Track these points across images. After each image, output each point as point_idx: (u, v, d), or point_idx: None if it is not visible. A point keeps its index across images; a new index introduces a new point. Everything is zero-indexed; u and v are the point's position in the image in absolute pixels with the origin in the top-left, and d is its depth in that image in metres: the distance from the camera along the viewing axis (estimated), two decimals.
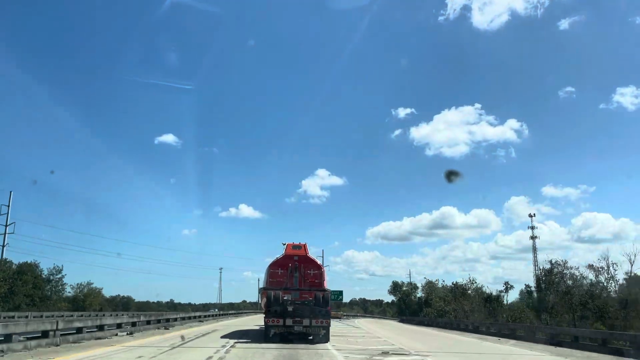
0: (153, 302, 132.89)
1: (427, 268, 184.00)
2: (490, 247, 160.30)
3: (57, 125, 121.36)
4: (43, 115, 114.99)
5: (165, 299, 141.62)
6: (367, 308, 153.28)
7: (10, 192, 50.06)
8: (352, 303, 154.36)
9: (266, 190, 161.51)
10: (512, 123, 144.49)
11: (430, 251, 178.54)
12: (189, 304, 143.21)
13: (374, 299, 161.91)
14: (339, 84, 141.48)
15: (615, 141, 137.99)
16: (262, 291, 20.92)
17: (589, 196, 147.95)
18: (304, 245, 21.40)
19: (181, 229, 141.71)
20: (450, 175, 21.30)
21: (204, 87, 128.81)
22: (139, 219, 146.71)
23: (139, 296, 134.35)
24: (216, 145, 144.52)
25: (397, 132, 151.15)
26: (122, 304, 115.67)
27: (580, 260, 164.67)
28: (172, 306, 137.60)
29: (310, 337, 18.26)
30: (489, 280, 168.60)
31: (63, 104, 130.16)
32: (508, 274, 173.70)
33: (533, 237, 79.03)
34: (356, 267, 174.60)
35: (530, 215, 77.96)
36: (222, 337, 20.59)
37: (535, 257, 78.88)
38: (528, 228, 79.24)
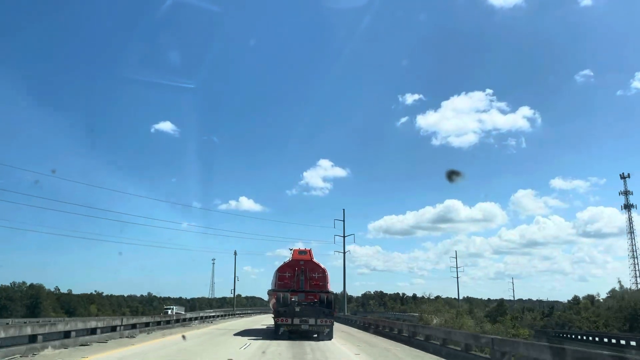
0: (121, 296, 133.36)
1: (428, 263, 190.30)
2: (494, 241, 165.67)
3: (58, 123, 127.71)
4: (42, 115, 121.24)
5: (165, 294, 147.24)
6: (385, 304, 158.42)
7: None
8: (367, 297, 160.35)
9: (267, 183, 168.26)
10: (525, 111, 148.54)
11: (432, 245, 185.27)
12: (180, 299, 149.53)
13: (391, 292, 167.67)
14: (344, 70, 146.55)
15: (632, 131, 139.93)
16: (272, 293, 25.99)
17: (599, 189, 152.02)
18: (309, 251, 26.60)
19: (180, 221, 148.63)
20: (452, 175, 25.43)
21: (206, 84, 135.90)
22: (136, 213, 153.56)
23: (130, 291, 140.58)
24: (216, 138, 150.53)
25: (404, 119, 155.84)
26: (30, 298, 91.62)
27: (584, 255, 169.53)
28: (148, 301, 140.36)
29: (315, 335, 23.17)
30: (490, 276, 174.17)
31: (64, 103, 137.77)
32: (510, 269, 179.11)
33: (628, 206, 65.32)
34: (357, 261, 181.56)
35: (622, 177, 65.93)
36: None
37: (632, 238, 64.60)
38: (620, 194, 66.17)
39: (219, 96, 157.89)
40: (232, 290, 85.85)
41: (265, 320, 44.84)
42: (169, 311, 74.53)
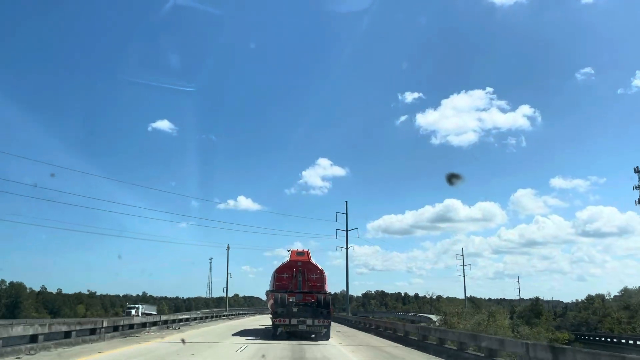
0: (116, 296, 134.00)
1: (427, 262, 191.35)
2: (493, 241, 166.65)
3: (58, 124, 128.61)
4: (42, 116, 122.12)
5: (162, 294, 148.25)
6: (387, 304, 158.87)
7: None
8: (368, 296, 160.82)
9: (265, 182, 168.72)
10: (525, 109, 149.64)
11: (432, 245, 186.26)
12: (176, 298, 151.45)
13: (394, 292, 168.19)
14: (344, 69, 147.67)
15: (632, 130, 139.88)
16: (269, 294, 26.39)
17: (599, 188, 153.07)
18: (307, 252, 27.00)
19: (178, 220, 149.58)
20: (452, 178, 25.70)
21: (206, 85, 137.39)
22: (134, 211, 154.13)
23: (129, 291, 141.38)
24: (215, 137, 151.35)
25: (403, 118, 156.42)
26: (9, 297, 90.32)
27: (583, 254, 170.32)
28: (143, 300, 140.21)
29: (313, 335, 23.54)
30: (489, 276, 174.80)
31: (64, 105, 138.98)
32: (509, 269, 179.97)
33: None
34: (356, 261, 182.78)
35: (636, 171, 61.42)
36: None
37: None
38: (634, 189, 61.21)
39: (218, 96, 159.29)
40: (224, 289, 79.36)
41: (257, 322, 41.89)
42: (132, 311, 62.60)
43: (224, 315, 57.28)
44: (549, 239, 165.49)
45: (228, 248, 75.71)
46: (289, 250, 27.70)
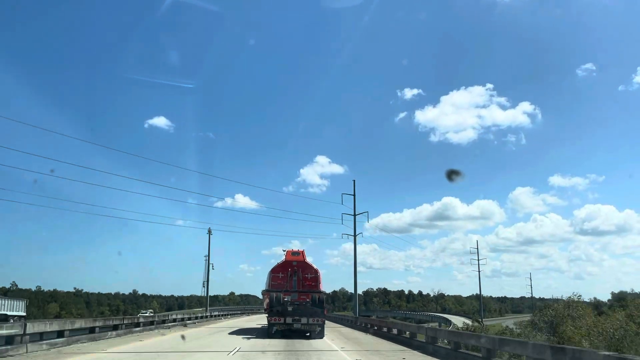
0: (108, 294, 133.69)
1: (425, 261, 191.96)
2: (491, 239, 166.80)
3: (58, 121, 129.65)
4: (43, 113, 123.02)
5: (158, 292, 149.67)
6: (390, 302, 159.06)
7: None
8: (370, 294, 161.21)
9: (264, 180, 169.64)
10: (525, 106, 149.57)
11: (429, 244, 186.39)
12: (170, 296, 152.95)
13: (395, 289, 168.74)
14: (343, 67, 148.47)
15: (632, 127, 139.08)
16: (265, 293, 26.97)
17: (597, 186, 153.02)
18: (302, 252, 27.65)
19: (175, 219, 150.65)
20: (452, 174, 26.22)
21: (205, 82, 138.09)
22: (132, 208, 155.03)
23: (124, 289, 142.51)
24: (213, 135, 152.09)
25: (402, 115, 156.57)
26: None
27: (581, 253, 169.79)
28: (132, 299, 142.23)
29: (307, 334, 24.10)
30: (487, 274, 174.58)
31: (65, 102, 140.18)
32: (506, 267, 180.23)
33: None
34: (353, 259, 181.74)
35: None
36: None
37: None
38: None
39: (217, 94, 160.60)
40: (205, 283, 65.81)
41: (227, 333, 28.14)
42: None
43: (177, 319, 35.58)
44: (546, 237, 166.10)
45: (210, 232, 62.74)
46: (284, 250, 28.49)
